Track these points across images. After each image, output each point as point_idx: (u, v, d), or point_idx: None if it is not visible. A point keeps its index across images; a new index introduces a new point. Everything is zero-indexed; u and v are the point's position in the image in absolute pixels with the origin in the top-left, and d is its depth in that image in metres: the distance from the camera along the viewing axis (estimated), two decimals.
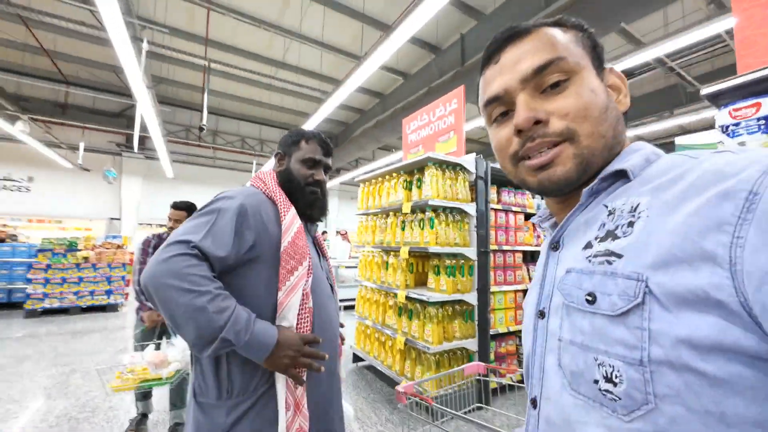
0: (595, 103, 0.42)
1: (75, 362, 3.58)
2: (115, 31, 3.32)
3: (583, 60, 0.44)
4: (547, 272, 0.47)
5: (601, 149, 0.43)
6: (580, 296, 0.38)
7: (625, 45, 6.39)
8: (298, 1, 5.70)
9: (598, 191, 0.43)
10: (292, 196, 1.02)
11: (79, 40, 6.72)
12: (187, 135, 10.36)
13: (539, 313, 0.46)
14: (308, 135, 1.10)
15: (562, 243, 0.47)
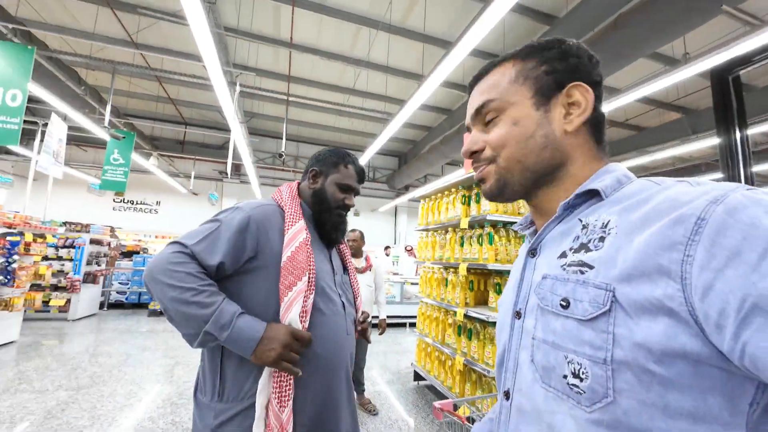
0: (512, 134, 0.50)
1: (180, 355, 4.23)
2: (216, 78, 4.00)
3: (516, 95, 0.50)
4: (524, 276, 0.52)
5: (518, 171, 0.50)
6: (554, 301, 0.43)
7: (741, 27, 5.40)
8: (366, 33, 6.15)
9: (573, 206, 0.48)
10: (320, 216, 1.05)
11: (194, 89, 8.23)
12: (273, 161, 11.69)
13: (516, 313, 0.51)
14: (348, 159, 1.11)
15: (539, 250, 0.51)
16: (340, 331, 0.99)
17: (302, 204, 1.06)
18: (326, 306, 0.96)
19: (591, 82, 0.49)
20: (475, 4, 5.42)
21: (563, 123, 0.49)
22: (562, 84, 0.49)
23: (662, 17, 3.81)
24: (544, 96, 0.50)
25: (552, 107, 0.49)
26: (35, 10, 5.78)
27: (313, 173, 1.09)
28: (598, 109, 0.50)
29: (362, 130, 10.63)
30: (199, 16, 2.89)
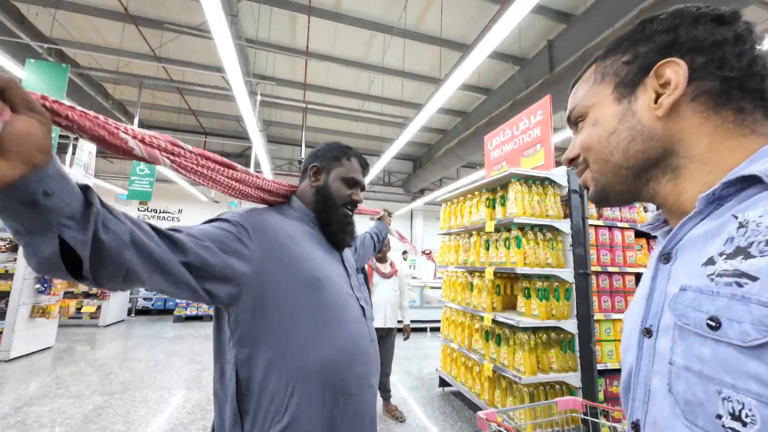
0: (593, 135, 0.48)
1: (207, 361, 4.31)
2: (238, 88, 4.10)
3: (595, 96, 0.49)
4: (655, 286, 0.44)
5: (611, 171, 0.47)
6: (699, 319, 0.35)
7: None
8: (380, 38, 6.19)
9: (721, 198, 0.39)
10: (324, 215, 0.95)
11: (214, 99, 8.46)
12: (290, 167, 11.86)
13: (645, 330, 0.43)
14: (350, 152, 1.02)
15: (674, 255, 0.42)
16: (364, 340, 0.88)
17: (300, 206, 0.98)
18: (344, 310, 0.86)
19: (696, 48, 0.41)
20: (491, 6, 5.38)
21: (653, 109, 0.43)
22: (649, 67, 0.44)
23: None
24: (627, 87, 0.46)
25: (639, 96, 0.45)
26: (66, 29, 6.08)
27: (315, 170, 0.99)
28: (721, 75, 0.40)
29: (378, 135, 10.68)
30: (223, 29, 2.97)
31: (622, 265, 2.64)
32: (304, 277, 0.81)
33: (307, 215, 0.97)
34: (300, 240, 0.88)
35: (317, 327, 0.80)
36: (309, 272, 0.83)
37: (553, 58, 5.75)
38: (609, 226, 2.67)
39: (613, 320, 2.56)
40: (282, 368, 0.75)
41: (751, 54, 0.40)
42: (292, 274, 0.80)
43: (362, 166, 1.04)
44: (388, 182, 12.88)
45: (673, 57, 0.42)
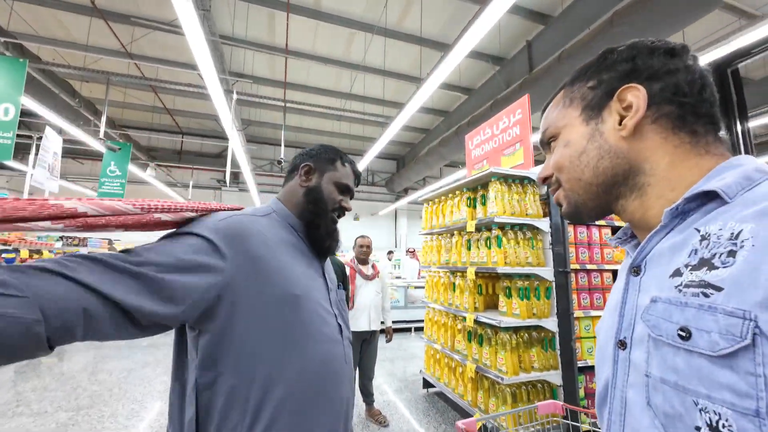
0: (565, 155, 0.51)
1: None
2: (213, 86, 3.95)
3: (564, 119, 0.52)
4: (627, 298, 0.45)
5: (582, 188, 0.49)
6: (670, 330, 0.36)
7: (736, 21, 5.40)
8: (361, 37, 6.13)
9: (684, 212, 0.41)
10: (313, 218, 0.88)
11: (190, 98, 8.19)
12: (272, 168, 11.64)
13: (619, 342, 0.44)
14: (345, 158, 0.98)
15: (644, 267, 0.44)
16: (338, 361, 0.81)
17: (282, 209, 0.90)
18: (320, 331, 0.78)
19: (653, 76, 0.45)
20: (470, 6, 5.41)
21: (618, 130, 0.46)
22: (612, 92, 0.47)
23: (659, 13, 3.79)
24: (593, 109, 0.49)
25: (605, 118, 0.48)
26: (27, 23, 5.73)
27: (306, 169, 0.92)
28: (677, 100, 0.44)
29: (361, 134, 10.61)
30: (194, 25, 2.84)
31: (600, 263, 2.67)
32: (280, 293, 0.73)
33: (288, 220, 0.88)
34: (279, 250, 0.79)
35: (288, 350, 0.72)
36: (286, 288, 0.74)
37: (532, 58, 5.83)
38: (587, 224, 2.70)
39: (592, 317, 2.59)
40: (247, 395, 0.67)
41: (700, 82, 0.44)
42: (266, 290, 0.72)
43: (355, 175, 1.00)
44: (372, 182, 12.83)
45: (633, 83, 0.45)
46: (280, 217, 0.88)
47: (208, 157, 11.02)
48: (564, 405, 1.14)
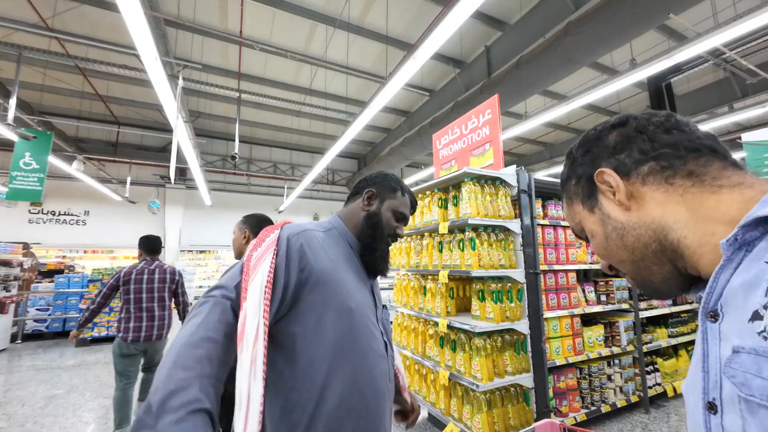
0: (597, 246, 0.51)
1: None
2: (154, 70, 3.50)
3: (577, 215, 0.54)
4: (708, 350, 0.38)
5: (630, 267, 0.47)
6: (764, 388, 0.30)
7: (666, 41, 5.98)
8: (323, 30, 5.86)
9: (745, 243, 0.35)
10: (371, 241, 0.96)
11: (128, 84, 7.32)
12: (224, 164, 10.86)
13: (708, 405, 0.37)
14: (406, 188, 1.06)
15: (721, 312, 0.37)
16: (383, 378, 0.86)
17: (342, 227, 0.99)
18: (369, 345, 0.84)
19: (612, 153, 0.48)
20: (434, 7, 5.39)
21: (618, 207, 0.47)
22: (591, 179, 0.49)
23: (608, 26, 4.02)
24: (589, 199, 0.51)
25: (602, 203, 0.49)
26: None
27: (369, 194, 1.01)
28: (646, 158, 0.45)
29: (322, 132, 10.26)
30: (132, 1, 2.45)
31: (565, 263, 2.74)
32: (338, 304, 0.81)
33: (346, 237, 0.97)
34: (339, 263, 0.87)
35: (341, 358, 0.79)
36: (344, 300, 0.82)
37: (490, 63, 5.98)
38: (554, 225, 2.75)
39: (559, 317, 2.64)
40: (304, 398, 0.76)
41: (662, 129, 0.45)
42: (327, 301, 0.80)
43: (412, 205, 1.06)
44: (333, 181, 12.52)
45: (600, 167, 0.48)
46: (340, 233, 0.97)
47: (149, 151, 9.99)
48: (562, 425, 1.06)
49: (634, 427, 2.76)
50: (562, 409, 2.58)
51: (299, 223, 0.89)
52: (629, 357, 3.09)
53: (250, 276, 0.73)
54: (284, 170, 11.77)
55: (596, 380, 2.84)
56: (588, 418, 2.67)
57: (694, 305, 3.72)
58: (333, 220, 1.00)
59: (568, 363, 2.59)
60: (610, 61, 6.72)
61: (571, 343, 2.66)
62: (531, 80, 5.05)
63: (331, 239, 0.91)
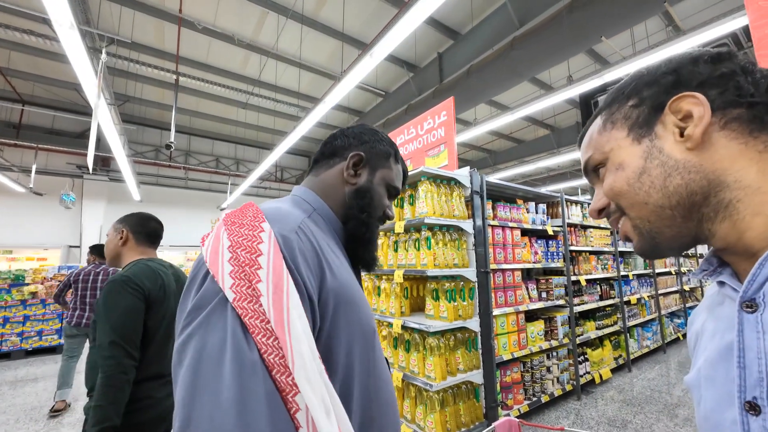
0: (620, 179, 0.44)
1: (9, 421, 3.02)
2: (69, 40, 3.00)
3: (610, 142, 0.46)
4: (745, 343, 0.35)
5: (652, 213, 0.42)
6: None
7: (593, 64, 6.69)
8: (274, 18, 5.57)
9: None
10: (365, 229, 0.69)
11: (36, 56, 6.26)
12: (157, 155, 9.83)
13: (747, 404, 0.33)
14: (398, 153, 0.78)
15: (762, 301, 0.35)
16: (394, 402, 0.65)
17: (326, 212, 0.69)
18: (383, 366, 0.63)
19: (704, 83, 0.40)
20: (390, 8, 5.41)
21: (681, 142, 0.40)
22: (661, 106, 0.42)
23: (549, 43, 4.37)
24: (642, 127, 0.43)
25: (659, 133, 0.42)
26: None
27: (357, 159, 0.71)
28: (744, 101, 0.38)
29: (270, 127, 9.76)
30: None
31: (512, 262, 2.87)
32: (362, 327, 0.59)
33: (334, 224, 0.69)
34: (344, 265, 0.63)
35: (369, 412, 0.57)
36: (367, 320, 0.60)
37: (442, 69, 6.17)
38: (502, 226, 2.88)
39: (506, 314, 2.75)
40: None
41: (765, 82, 0.39)
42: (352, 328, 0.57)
43: (405, 176, 0.82)
44: (281, 178, 11.99)
45: (682, 93, 0.40)
46: (325, 218, 0.68)
47: (63, 136, 8.67)
48: (520, 422, 1.07)
49: (569, 414, 2.98)
50: (508, 402, 2.69)
51: (277, 207, 0.60)
52: (564, 349, 3.35)
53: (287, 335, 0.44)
54: (228, 165, 11.00)
55: (537, 372, 3.02)
56: (530, 408, 2.83)
57: (616, 300, 4.17)
58: (308, 197, 0.69)
59: (513, 357, 2.72)
60: (548, 77, 7.32)
61: (517, 338, 2.79)
62: (480, 89, 5.30)
63: (319, 229, 0.64)
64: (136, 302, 1.29)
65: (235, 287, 0.46)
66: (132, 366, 1.21)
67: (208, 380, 0.41)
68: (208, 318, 0.45)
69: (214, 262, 0.48)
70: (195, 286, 0.49)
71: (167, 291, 1.43)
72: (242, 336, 0.43)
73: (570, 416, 2.94)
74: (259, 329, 0.44)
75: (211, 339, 0.43)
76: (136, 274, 1.35)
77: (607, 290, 4.10)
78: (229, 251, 0.48)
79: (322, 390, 0.44)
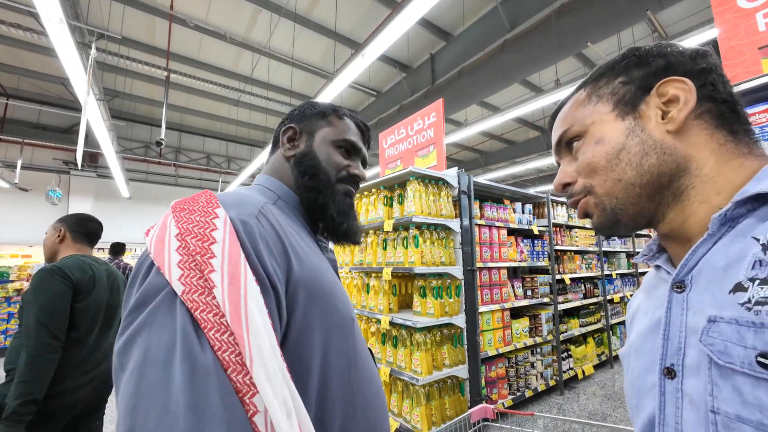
0: (599, 153, 0.45)
1: None
2: (58, 35, 2.98)
3: (593, 115, 0.46)
4: (671, 318, 0.39)
5: (622, 191, 0.43)
6: (745, 356, 0.31)
7: (582, 68, 6.84)
8: (266, 16, 5.57)
9: (732, 219, 0.37)
10: (317, 195, 0.65)
11: (20, 49, 6.14)
12: (147, 152, 9.72)
13: (666, 370, 0.38)
14: (341, 110, 0.73)
15: (689, 283, 0.39)
16: (380, 394, 0.62)
17: (287, 193, 0.66)
18: (365, 357, 0.60)
19: (688, 73, 0.42)
20: (383, 8, 5.45)
21: (662, 124, 0.42)
22: (648, 87, 0.44)
23: (537, 49, 4.46)
24: (628, 105, 0.45)
25: (642, 113, 0.44)
26: None
27: (290, 132, 0.69)
28: (716, 97, 0.42)
29: (263, 125, 9.72)
30: None
31: (498, 261, 2.94)
32: (339, 318, 0.56)
33: (295, 203, 0.66)
34: (313, 251, 0.60)
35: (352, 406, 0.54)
36: (345, 310, 0.57)
37: (434, 70, 6.23)
38: (489, 225, 2.95)
39: (491, 311, 2.82)
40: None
41: (729, 84, 0.43)
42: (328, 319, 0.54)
43: (361, 130, 0.74)
44: None
45: (671, 77, 0.43)
46: (291, 202, 0.66)
47: (50, 131, 8.52)
48: (495, 409, 1.13)
49: (551, 408, 3.07)
50: (493, 396, 2.76)
51: (235, 192, 0.58)
52: (549, 345, 3.44)
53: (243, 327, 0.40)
54: (219, 162, 10.92)
55: (522, 368, 3.10)
56: (514, 403, 2.91)
57: (600, 298, 4.29)
58: (271, 184, 0.67)
59: (498, 353, 2.79)
60: (538, 80, 7.45)
61: (502, 334, 2.87)
62: (471, 90, 5.38)
63: (286, 217, 0.60)
64: (64, 289, 1.39)
65: (184, 278, 0.41)
66: (57, 346, 1.31)
67: (156, 385, 0.36)
68: (153, 315, 0.40)
69: (159, 253, 0.43)
70: (138, 280, 0.44)
71: (97, 283, 1.54)
72: (193, 333, 0.39)
73: (552, 410, 3.04)
74: (212, 324, 0.39)
75: (158, 339, 0.38)
76: (67, 265, 1.46)
77: (591, 289, 4.21)
78: (177, 239, 0.44)
79: (284, 390, 0.40)
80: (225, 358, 0.39)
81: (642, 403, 0.41)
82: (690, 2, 4.00)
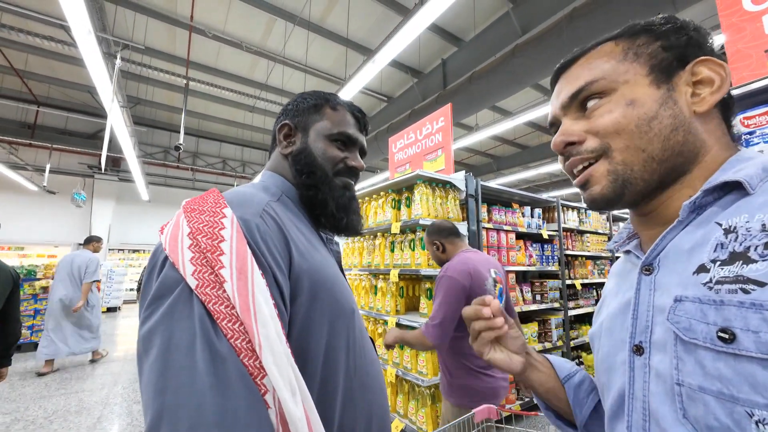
0: (630, 115, 0.41)
1: (19, 409, 3.14)
2: (87, 46, 3.16)
3: (627, 73, 0.42)
4: (639, 299, 0.41)
5: (641, 163, 0.41)
6: (707, 332, 0.33)
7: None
8: (281, 25, 5.73)
9: (701, 206, 0.39)
10: (315, 191, 0.67)
11: (52, 60, 6.50)
12: (166, 157, 10.06)
13: (635, 347, 0.40)
14: (335, 99, 0.73)
15: (657, 265, 0.41)
16: (381, 378, 0.66)
17: (290, 189, 0.69)
18: (366, 345, 0.64)
19: (718, 58, 0.41)
20: (394, 15, 5.54)
21: (692, 103, 0.41)
22: (685, 60, 0.42)
23: (549, 53, 4.45)
24: (664, 73, 0.41)
25: (675, 86, 0.41)
26: None
27: (285, 130, 0.70)
28: (728, 90, 0.42)
29: None
30: None
31: (506, 264, 2.94)
32: (341, 308, 0.59)
33: (298, 199, 0.69)
34: (316, 246, 0.63)
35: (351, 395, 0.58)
36: (346, 301, 0.61)
37: (446, 75, 6.27)
38: (497, 229, 2.95)
39: None
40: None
41: None
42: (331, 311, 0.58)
43: (357, 118, 0.74)
44: None
45: (708, 57, 0.41)
46: (293, 198, 0.68)
47: (76, 137, 8.93)
48: (498, 409, 1.15)
49: None
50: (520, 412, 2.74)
51: (241, 191, 0.59)
52: (559, 351, 3.39)
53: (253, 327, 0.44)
54: (234, 167, 11.20)
55: None
56: (522, 408, 2.88)
57: None
58: (272, 180, 0.69)
59: None
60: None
61: None
62: (482, 95, 5.38)
63: (289, 213, 0.63)
64: None
65: (197, 274, 0.45)
66: None
67: (182, 369, 0.40)
68: (174, 306, 0.44)
69: (173, 250, 0.47)
70: (155, 273, 0.48)
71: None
72: (209, 323, 0.43)
73: None
74: (224, 315, 0.43)
75: (179, 328, 0.42)
76: None
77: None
78: (189, 238, 0.47)
79: (289, 372, 0.44)
80: (237, 344, 0.43)
81: (612, 379, 0.44)
82: (702, 6, 3.91)
